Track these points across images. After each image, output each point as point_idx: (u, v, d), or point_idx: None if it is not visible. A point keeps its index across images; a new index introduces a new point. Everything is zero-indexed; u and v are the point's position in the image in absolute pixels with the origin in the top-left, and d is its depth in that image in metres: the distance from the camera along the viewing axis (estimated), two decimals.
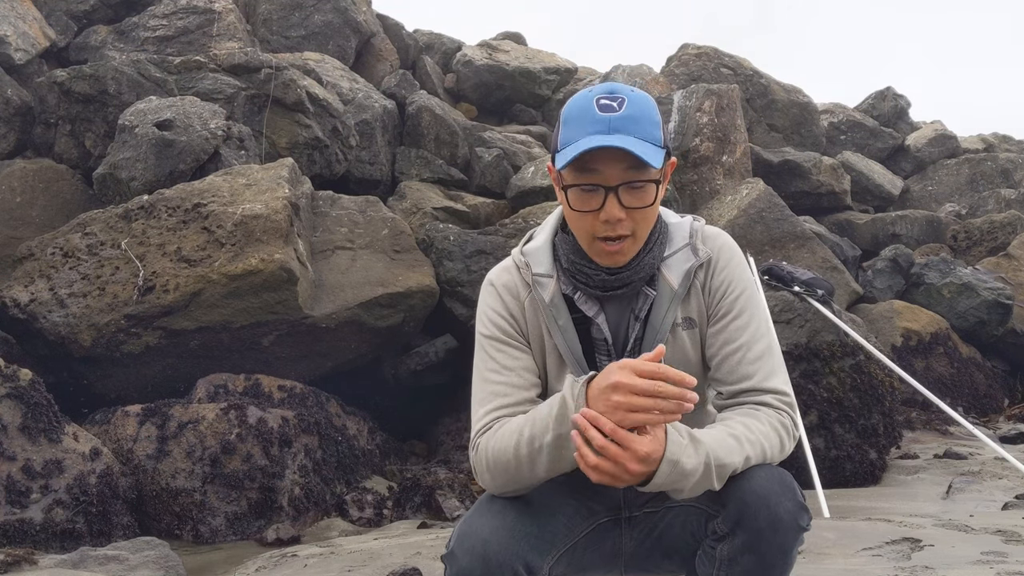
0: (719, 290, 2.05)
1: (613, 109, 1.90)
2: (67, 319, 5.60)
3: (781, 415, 1.97)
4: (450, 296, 6.61)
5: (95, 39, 8.45)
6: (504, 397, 2.01)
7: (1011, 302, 8.78)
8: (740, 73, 11.83)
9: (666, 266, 2.03)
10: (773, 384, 2.00)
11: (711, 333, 2.05)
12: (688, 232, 2.08)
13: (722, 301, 2.04)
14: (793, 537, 1.86)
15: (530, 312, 2.08)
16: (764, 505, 1.83)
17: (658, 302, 2.03)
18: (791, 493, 1.87)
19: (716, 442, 1.83)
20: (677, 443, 1.77)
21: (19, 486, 4.57)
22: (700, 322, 2.06)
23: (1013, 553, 3.73)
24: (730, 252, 2.08)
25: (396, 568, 3.63)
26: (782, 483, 1.87)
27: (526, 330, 2.09)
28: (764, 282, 6.11)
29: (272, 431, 5.26)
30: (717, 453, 1.81)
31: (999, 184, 12.25)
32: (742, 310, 2.03)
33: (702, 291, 2.06)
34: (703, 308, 2.06)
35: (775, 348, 2.06)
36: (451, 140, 8.67)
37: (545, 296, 2.06)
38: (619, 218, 1.92)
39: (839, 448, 5.65)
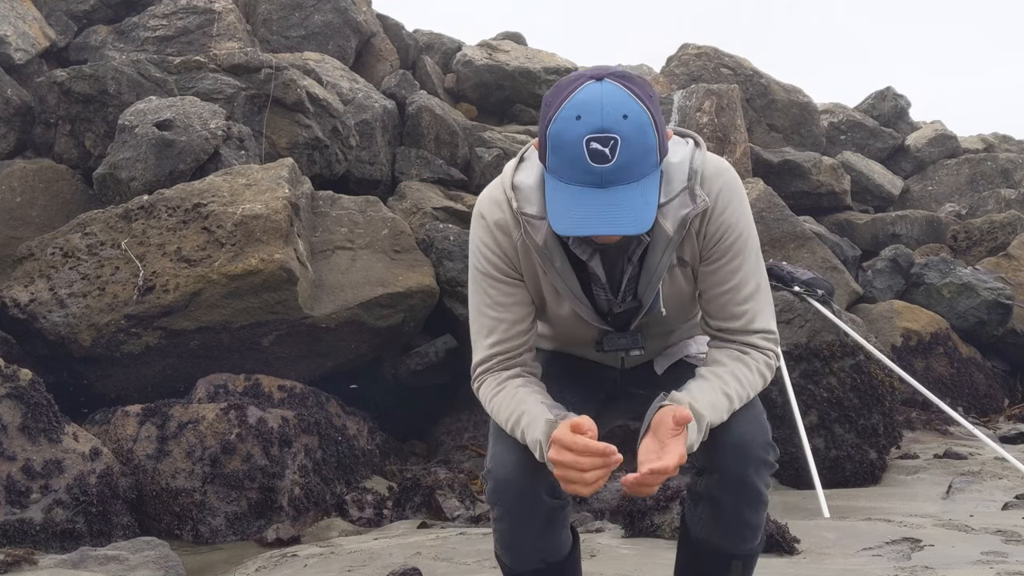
0: (714, 236, 2.09)
1: (606, 158, 1.84)
2: (67, 319, 5.60)
3: (767, 356, 2.13)
4: (450, 296, 6.61)
5: (95, 39, 8.45)
6: (499, 333, 2.16)
7: (1011, 302, 8.77)
8: (740, 73, 11.83)
9: (662, 213, 2.01)
10: (759, 324, 2.12)
11: (703, 272, 2.13)
12: (687, 174, 2.04)
13: (717, 246, 2.09)
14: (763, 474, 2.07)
15: (523, 251, 2.12)
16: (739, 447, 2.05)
17: (652, 247, 2.06)
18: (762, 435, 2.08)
19: (713, 410, 2.01)
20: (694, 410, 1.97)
21: (19, 486, 4.57)
22: (693, 262, 2.13)
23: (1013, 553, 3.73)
24: (728, 195, 2.10)
25: (396, 568, 3.62)
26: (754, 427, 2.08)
27: (519, 266, 2.14)
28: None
29: (272, 431, 5.26)
30: (713, 420, 2.01)
31: (999, 184, 12.24)
32: (735, 254, 2.10)
33: (697, 236, 2.09)
34: (696, 251, 2.11)
35: (764, 287, 2.15)
36: (451, 140, 8.67)
37: (538, 239, 2.07)
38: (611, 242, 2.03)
39: (839, 448, 5.65)
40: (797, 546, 3.92)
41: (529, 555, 2.16)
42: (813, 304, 5.91)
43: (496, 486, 2.11)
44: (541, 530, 2.13)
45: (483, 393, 2.20)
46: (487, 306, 2.17)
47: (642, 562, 3.70)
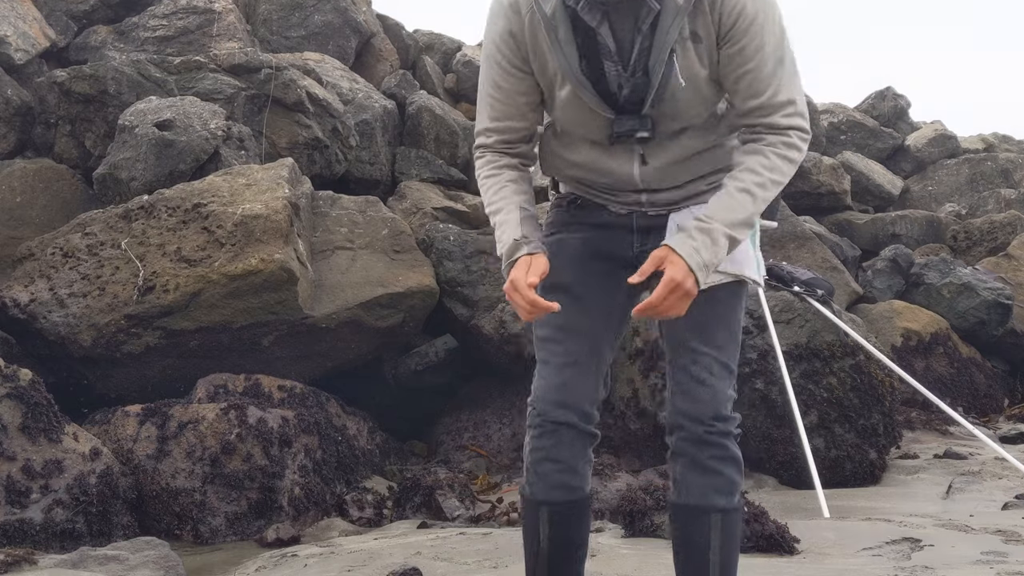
0: (732, 10, 2.12)
1: None
2: (67, 319, 5.60)
3: (787, 136, 2.18)
4: (450, 296, 6.61)
5: (95, 39, 8.45)
6: (494, 121, 2.37)
7: (1011, 302, 8.77)
8: None
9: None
10: (783, 97, 2.17)
11: (726, 55, 2.16)
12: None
13: (737, 21, 2.12)
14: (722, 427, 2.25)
15: (530, 29, 2.21)
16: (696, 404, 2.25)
17: (663, 15, 2.10)
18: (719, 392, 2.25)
19: (727, 211, 2.15)
20: (691, 251, 2.12)
21: (19, 486, 4.57)
22: (708, 40, 2.15)
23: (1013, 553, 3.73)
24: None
25: (396, 568, 3.63)
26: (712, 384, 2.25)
27: (527, 50, 2.25)
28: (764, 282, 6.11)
29: (272, 431, 5.26)
30: (731, 220, 2.14)
31: (999, 184, 12.24)
32: (759, 29, 2.13)
33: (710, 10, 2.12)
34: (710, 26, 2.14)
35: (788, 61, 2.18)
36: (451, 140, 8.67)
37: (546, 8, 2.14)
38: None
39: (839, 448, 5.65)
40: (797, 546, 3.92)
41: (555, 482, 2.34)
42: (813, 304, 5.91)
43: (537, 408, 2.35)
44: (570, 456, 2.33)
45: (479, 169, 2.43)
46: (489, 87, 2.35)
47: (642, 562, 3.70)
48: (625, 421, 5.99)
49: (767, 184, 2.17)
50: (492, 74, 2.32)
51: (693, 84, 2.18)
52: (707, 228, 2.14)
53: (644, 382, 5.75)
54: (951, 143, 12.97)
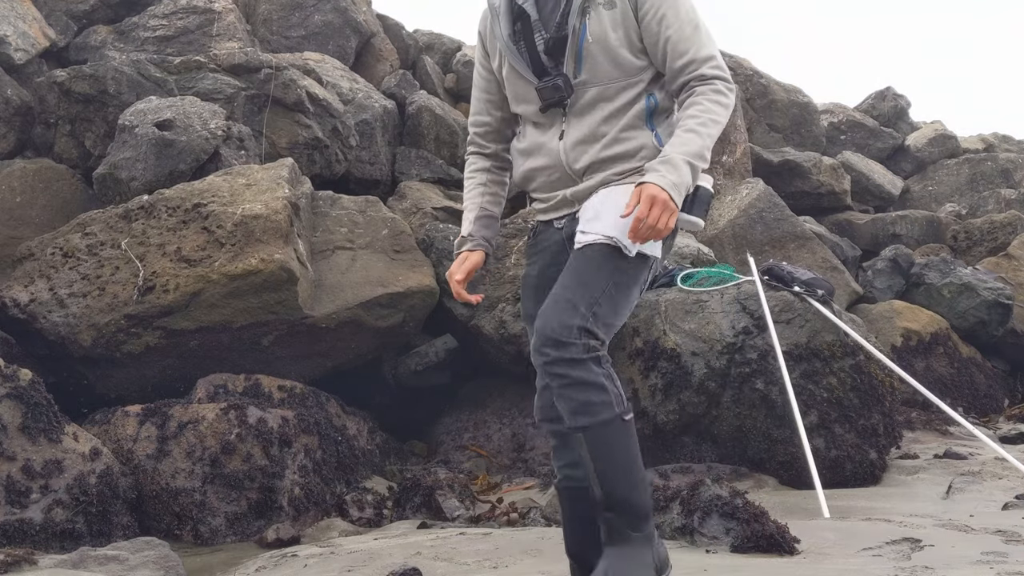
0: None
1: None
2: (67, 319, 5.60)
3: (714, 84, 2.58)
4: (450, 296, 6.58)
5: (95, 39, 8.45)
6: (473, 115, 3.00)
7: (1011, 302, 8.77)
8: (740, 73, 11.82)
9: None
10: (704, 54, 2.59)
11: (646, 27, 2.59)
12: None
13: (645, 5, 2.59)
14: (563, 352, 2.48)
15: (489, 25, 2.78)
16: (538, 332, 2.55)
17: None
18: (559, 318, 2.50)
19: (679, 144, 2.52)
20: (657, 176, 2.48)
21: (19, 486, 4.57)
22: (622, 6, 2.59)
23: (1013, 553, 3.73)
24: None
25: (396, 568, 3.62)
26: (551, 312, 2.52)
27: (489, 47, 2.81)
28: (764, 282, 6.11)
29: (272, 431, 5.26)
30: (687, 150, 2.51)
31: (999, 184, 12.24)
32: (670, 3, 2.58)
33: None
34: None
35: (700, 25, 2.61)
36: (451, 140, 8.67)
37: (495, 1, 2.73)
38: None
39: (839, 448, 5.64)
40: (797, 546, 3.91)
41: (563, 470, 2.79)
42: (813, 304, 5.90)
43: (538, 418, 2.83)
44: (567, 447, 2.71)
45: (465, 168, 3.08)
46: (476, 88, 2.91)
47: None
48: None
49: (707, 123, 2.54)
50: (475, 76, 2.91)
51: (602, 44, 2.58)
52: (666, 158, 2.52)
53: (644, 382, 5.74)
54: (951, 143, 12.96)
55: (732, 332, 5.80)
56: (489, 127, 2.94)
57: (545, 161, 2.76)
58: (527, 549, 3.95)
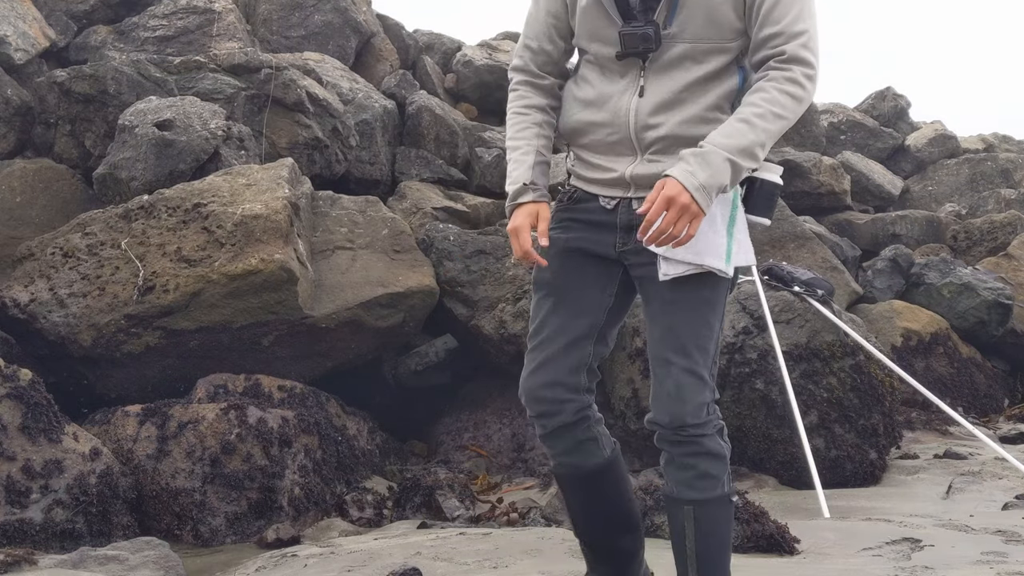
0: None
1: None
2: (67, 319, 5.60)
3: (791, 70, 2.22)
4: (450, 296, 6.61)
5: (95, 39, 8.44)
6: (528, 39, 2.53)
7: (1011, 302, 8.77)
8: None
9: None
10: (798, 27, 2.23)
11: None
12: None
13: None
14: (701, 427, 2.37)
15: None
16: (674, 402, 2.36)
17: None
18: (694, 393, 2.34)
19: (723, 136, 2.19)
20: (684, 173, 2.17)
21: (19, 486, 4.57)
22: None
23: (1013, 553, 3.73)
24: None
25: (396, 568, 3.62)
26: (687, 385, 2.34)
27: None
28: (764, 282, 6.11)
29: (272, 431, 5.26)
30: (728, 144, 2.17)
31: (999, 184, 12.23)
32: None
33: None
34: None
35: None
36: (451, 140, 8.67)
37: None
38: None
39: (839, 448, 5.65)
40: (797, 546, 3.92)
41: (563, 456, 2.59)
42: (813, 304, 5.91)
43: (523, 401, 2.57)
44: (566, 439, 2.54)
45: (510, 103, 2.56)
46: (532, 8, 2.52)
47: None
48: (625, 421, 5.99)
49: (766, 115, 2.19)
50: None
51: (705, 14, 2.27)
52: (701, 152, 2.19)
53: (644, 382, 5.74)
54: (951, 143, 12.96)
55: (732, 332, 5.80)
56: (549, 56, 2.49)
57: (607, 117, 2.39)
58: (527, 549, 3.95)
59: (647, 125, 2.34)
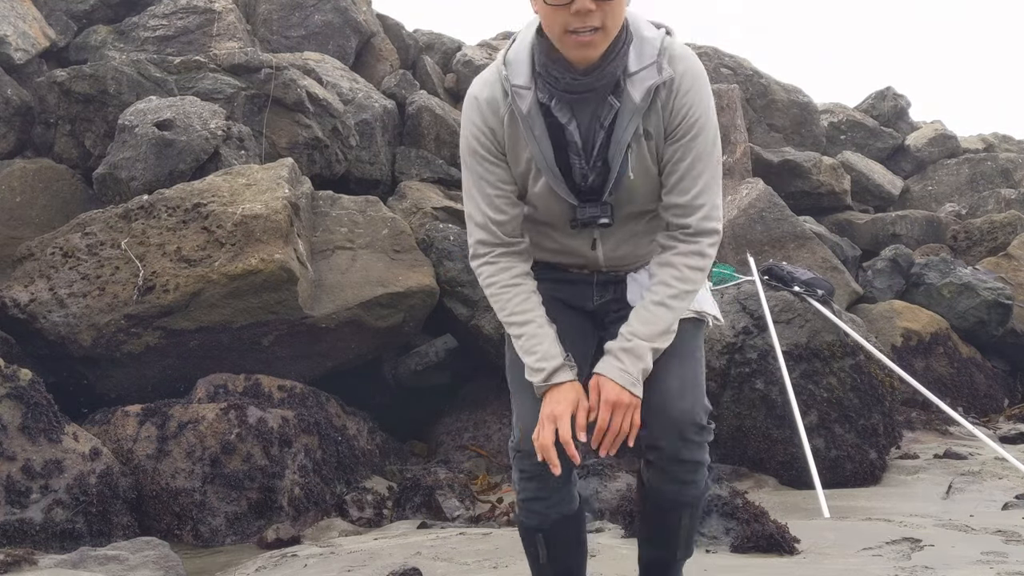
0: (679, 113, 2.30)
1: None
2: (67, 319, 5.60)
3: (698, 243, 2.35)
4: (450, 296, 6.61)
5: (95, 39, 8.45)
6: (498, 213, 2.43)
7: (1011, 302, 8.77)
8: (740, 73, 11.82)
9: (631, 82, 2.27)
10: (701, 201, 2.34)
11: (668, 150, 2.34)
12: (658, 50, 2.29)
13: (681, 124, 2.31)
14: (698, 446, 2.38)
15: (508, 125, 2.36)
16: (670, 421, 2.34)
17: (621, 113, 2.29)
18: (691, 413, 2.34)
19: (647, 325, 2.32)
20: (619, 373, 2.29)
21: (19, 486, 4.57)
22: (657, 137, 2.33)
23: (1013, 553, 3.73)
24: (692, 78, 2.33)
25: (396, 568, 3.63)
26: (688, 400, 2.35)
27: (504, 143, 2.39)
28: (764, 282, 6.11)
29: (272, 431, 5.26)
30: (651, 333, 2.31)
31: (999, 184, 12.24)
32: (696, 133, 2.31)
33: (662, 110, 2.31)
34: (660, 126, 2.32)
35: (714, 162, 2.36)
36: (451, 140, 8.67)
37: (523, 107, 2.31)
38: (589, 9, 2.14)
39: (839, 448, 5.65)
40: (797, 546, 3.92)
41: (547, 515, 2.49)
42: (813, 304, 5.91)
43: (520, 451, 2.43)
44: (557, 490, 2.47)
45: (490, 276, 2.45)
46: (476, 181, 2.44)
47: None
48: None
49: (680, 295, 2.35)
50: (481, 171, 2.42)
51: (644, 176, 2.36)
52: (631, 347, 2.31)
53: None
54: (951, 143, 12.96)
55: (732, 332, 5.80)
56: (512, 222, 2.45)
57: (573, 260, 2.53)
58: None
59: (612, 261, 2.51)
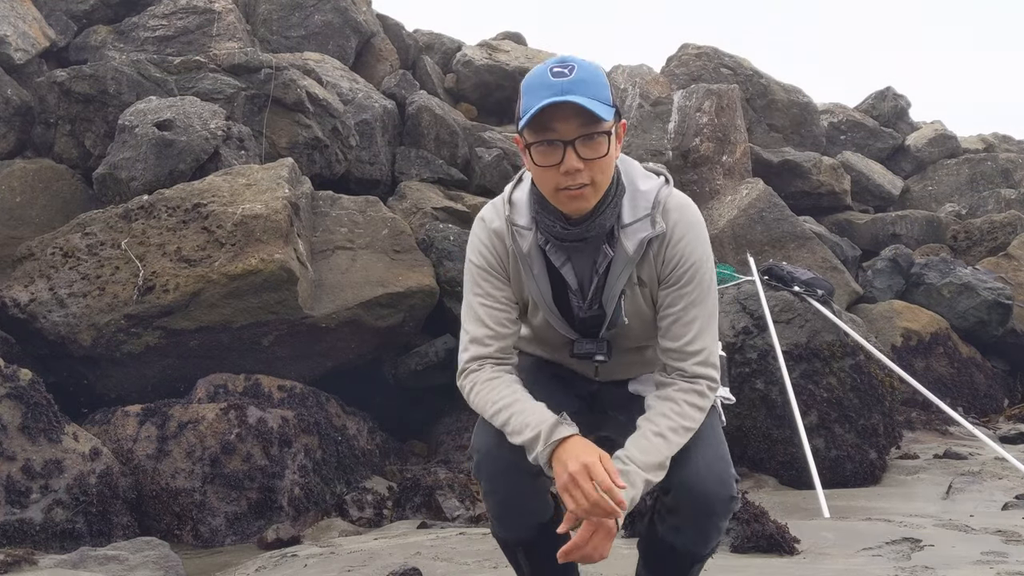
0: (671, 262, 2.33)
1: (565, 75, 2.16)
2: (67, 319, 5.60)
3: (698, 384, 2.32)
4: (450, 296, 6.61)
5: (95, 39, 8.45)
6: (498, 326, 2.41)
7: (1011, 302, 8.78)
8: (740, 73, 11.83)
9: (625, 233, 2.31)
10: (697, 346, 2.34)
11: (661, 295, 2.37)
12: (652, 203, 2.32)
13: (672, 272, 2.34)
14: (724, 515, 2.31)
15: (512, 257, 2.43)
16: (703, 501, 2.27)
17: (615, 262, 2.34)
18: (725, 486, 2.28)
19: (643, 453, 2.23)
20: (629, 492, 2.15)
21: (19, 486, 4.57)
22: (651, 284, 2.37)
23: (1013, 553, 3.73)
24: (685, 227, 2.33)
25: (396, 568, 3.62)
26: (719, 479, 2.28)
27: (508, 269, 2.44)
28: (764, 282, 6.11)
29: (272, 431, 5.26)
30: (647, 462, 2.22)
31: (999, 184, 12.25)
32: (688, 281, 2.33)
33: (655, 260, 2.34)
34: (654, 274, 2.36)
35: (709, 316, 2.37)
36: (451, 140, 8.67)
37: (523, 246, 2.38)
38: (577, 168, 2.18)
39: (839, 448, 5.65)
40: (797, 546, 3.92)
41: (521, 520, 2.41)
42: (813, 304, 5.91)
43: (480, 460, 2.37)
44: (528, 496, 2.38)
45: (477, 380, 2.38)
46: (477, 296, 2.46)
47: None
48: None
49: (679, 430, 2.28)
50: (484, 286, 2.45)
51: (639, 319, 2.40)
52: (626, 471, 2.20)
53: None
54: (951, 143, 12.97)
55: (732, 332, 5.80)
56: (508, 339, 2.44)
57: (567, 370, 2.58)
58: None
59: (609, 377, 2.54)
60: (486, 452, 2.35)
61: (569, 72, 2.16)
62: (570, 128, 2.15)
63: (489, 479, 2.37)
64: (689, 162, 9.56)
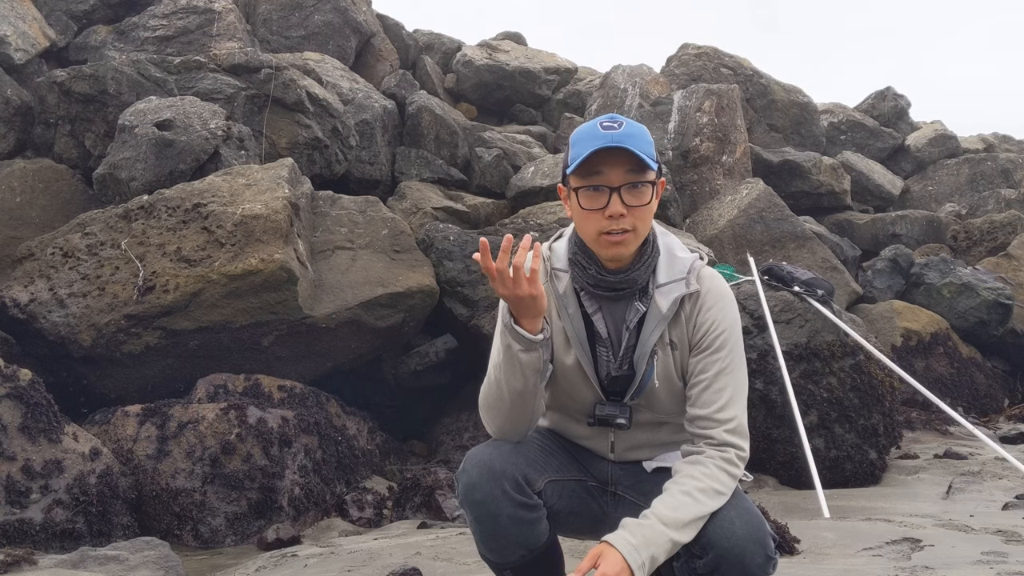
0: (702, 327, 2.35)
1: (614, 128, 2.26)
2: (67, 319, 5.60)
3: (727, 452, 2.30)
4: (450, 296, 6.61)
5: (95, 39, 8.46)
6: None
7: (1011, 302, 8.78)
8: (740, 73, 11.83)
9: (659, 292, 2.36)
10: (726, 414, 2.32)
11: (692, 362, 2.37)
12: (688, 268, 2.38)
13: (704, 337, 2.35)
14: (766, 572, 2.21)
15: (550, 296, 2.43)
16: (739, 562, 2.16)
17: (648, 318, 2.37)
18: (762, 545, 2.20)
19: (671, 509, 2.18)
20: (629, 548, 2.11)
21: (19, 486, 4.57)
22: (682, 348, 2.38)
23: (1013, 553, 3.73)
24: (717, 294, 2.38)
25: (396, 568, 3.63)
26: (755, 537, 2.19)
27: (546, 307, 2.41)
28: (764, 282, 6.11)
29: (272, 431, 5.26)
30: (675, 519, 2.16)
31: (999, 184, 12.25)
32: (720, 347, 2.34)
33: (687, 323, 2.37)
34: (685, 338, 2.37)
35: (738, 385, 2.35)
36: (451, 140, 8.67)
37: (559, 288, 2.43)
38: (621, 213, 2.25)
39: (839, 448, 5.65)
40: (797, 546, 3.92)
41: (509, 548, 2.37)
42: (813, 304, 5.91)
43: (463, 490, 2.41)
44: (515, 524, 2.35)
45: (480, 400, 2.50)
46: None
47: None
48: None
49: (708, 491, 2.22)
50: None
51: (668, 384, 2.38)
52: (648, 525, 2.15)
53: None
54: (951, 143, 12.97)
55: None
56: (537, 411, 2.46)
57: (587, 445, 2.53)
58: None
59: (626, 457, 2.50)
60: (472, 485, 2.37)
61: (618, 126, 2.26)
62: (617, 175, 2.24)
63: (472, 508, 2.38)
64: (689, 162, 9.56)
